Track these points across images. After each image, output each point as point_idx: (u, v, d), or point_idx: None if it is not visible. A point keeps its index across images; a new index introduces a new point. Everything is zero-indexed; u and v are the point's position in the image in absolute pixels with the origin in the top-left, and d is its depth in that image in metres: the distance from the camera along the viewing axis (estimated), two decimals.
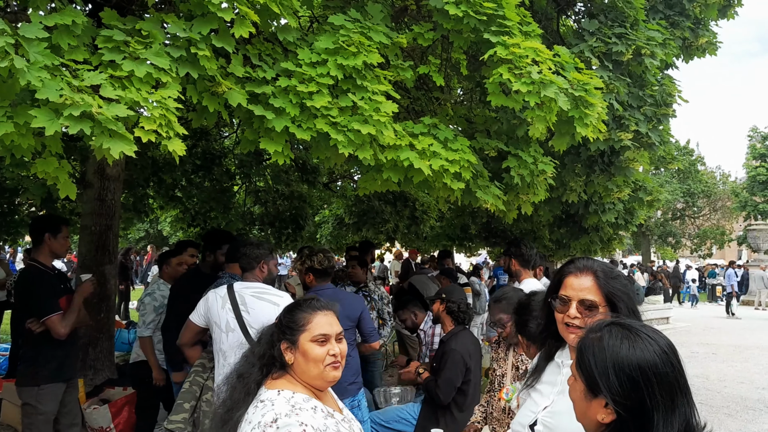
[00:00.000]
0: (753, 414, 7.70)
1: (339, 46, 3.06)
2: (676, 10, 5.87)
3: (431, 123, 3.71)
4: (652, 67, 5.18)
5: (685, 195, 33.81)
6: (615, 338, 1.33)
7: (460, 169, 3.49)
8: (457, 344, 4.09)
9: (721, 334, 15.44)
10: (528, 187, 4.59)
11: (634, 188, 7.82)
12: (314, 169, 9.48)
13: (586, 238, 9.01)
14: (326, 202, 12.20)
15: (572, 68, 3.84)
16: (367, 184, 3.87)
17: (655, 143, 5.65)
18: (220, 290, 3.64)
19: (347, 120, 2.98)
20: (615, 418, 1.29)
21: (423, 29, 3.82)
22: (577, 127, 3.77)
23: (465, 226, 10.78)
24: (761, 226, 27.32)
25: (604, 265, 1.91)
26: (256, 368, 1.92)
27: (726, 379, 9.81)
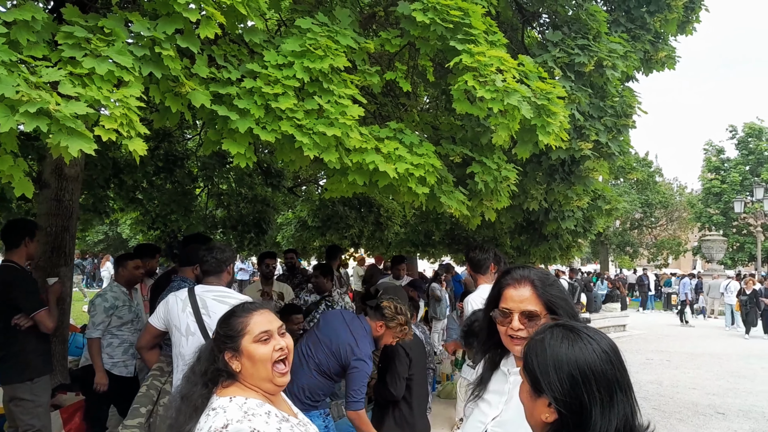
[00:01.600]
0: (703, 419, 7.92)
1: (306, 49, 3.06)
2: (638, 23, 6.03)
3: (397, 128, 3.73)
4: (613, 79, 5.31)
5: (643, 205, 34.66)
6: (556, 339, 1.37)
7: (425, 174, 3.52)
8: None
9: (675, 342, 15.86)
10: (491, 194, 4.64)
11: (593, 197, 8.00)
12: (279, 173, 9.42)
13: (545, 245, 9.16)
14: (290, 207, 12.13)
15: (536, 77, 3.91)
16: (333, 188, 3.86)
17: (614, 153, 5.78)
18: (181, 293, 3.58)
19: (313, 123, 2.98)
20: (557, 416, 1.32)
21: (390, 35, 3.85)
22: (540, 135, 3.83)
23: (429, 233, 10.84)
24: (715, 236, 28.23)
25: (540, 272, 1.93)
26: (199, 386, 1.88)
27: (679, 385, 10.08)
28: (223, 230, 10.46)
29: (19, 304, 4.06)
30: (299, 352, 3.77)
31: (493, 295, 1.96)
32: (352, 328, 3.77)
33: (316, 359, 3.74)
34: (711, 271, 26.16)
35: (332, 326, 3.82)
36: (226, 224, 10.35)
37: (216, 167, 9.30)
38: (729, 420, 7.89)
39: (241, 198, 10.11)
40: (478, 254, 4.71)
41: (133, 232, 13.24)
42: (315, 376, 3.75)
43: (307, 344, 3.84)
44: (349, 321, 3.82)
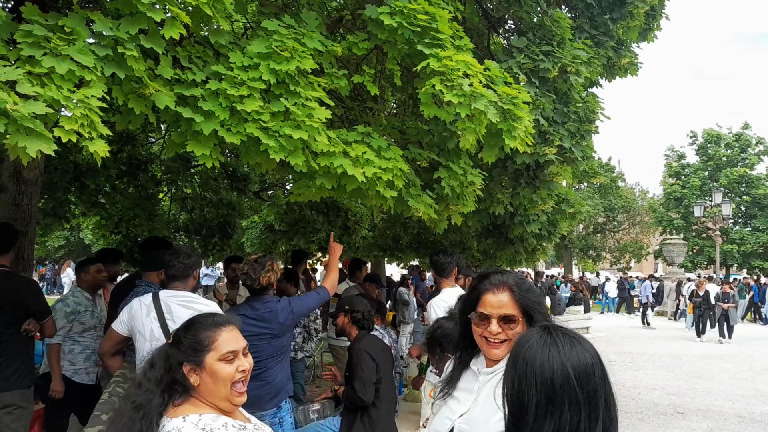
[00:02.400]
0: (664, 419, 8.10)
1: (272, 51, 3.03)
2: (601, 30, 6.16)
3: (365, 131, 3.73)
4: (576, 85, 5.40)
5: (606, 210, 35.36)
6: (534, 339, 1.38)
7: (392, 178, 3.53)
8: (362, 345, 4.20)
9: (637, 343, 16.19)
10: (458, 198, 4.68)
11: (557, 201, 8.12)
12: (245, 177, 9.33)
13: (511, 248, 9.26)
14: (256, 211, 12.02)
15: (501, 82, 3.95)
16: (300, 192, 3.85)
17: (577, 158, 5.89)
18: (145, 298, 3.52)
19: (279, 125, 2.95)
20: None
21: (358, 39, 3.85)
22: (506, 139, 3.88)
23: (396, 237, 10.87)
24: (676, 240, 28.96)
25: (516, 277, 1.97)
26: (156, 396, 1.77)
27: (640, 386, 10.29)
28: (186, 235, 10.32)
29: (32, 309, 4.03)
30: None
31: (470, 298, 1.99)
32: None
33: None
34: (672, 274, 26.83)
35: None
36: (189, 228, 10.20)
37: (180, 171, 9.17)
38: (688, 419, 8.08)
39: (205, 202, 9.99)
40: (442, 258, 4.77)
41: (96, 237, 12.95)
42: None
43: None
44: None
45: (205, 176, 9.66)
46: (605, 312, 27.38)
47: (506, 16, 6.06)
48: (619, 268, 38.78)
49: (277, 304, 3.79)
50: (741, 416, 8.26)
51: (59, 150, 2.44)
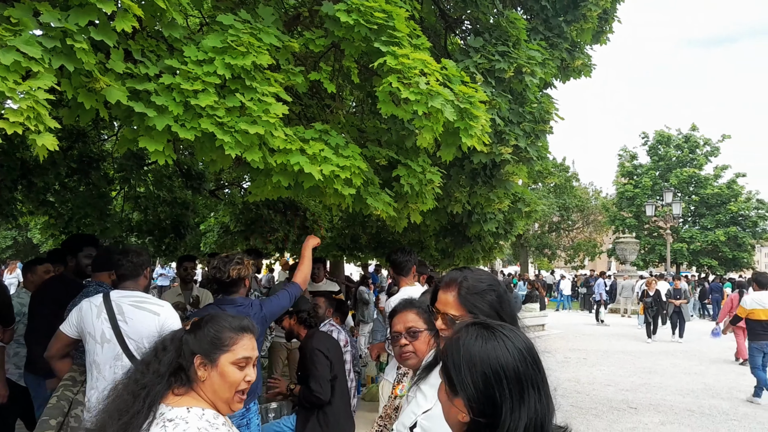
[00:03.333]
0: (617, 414, 8.31)
1: (227, 46, 2.99)
2: (555, 32, 6.27)
3: (322, 129, 3.71)
4: (531, 85, 5.49)
5: (560, 209, 36.11)
6: (471, 337, 1.37)
7: (351, 176, 3.52)
8: (314, 342, 4.22)
9: (591, 340, 16.58)
10: (417, 197, 4.71)
11: (513, 200, 8.24)
12: (200, 175, 9.16)
13: (469, 247, 9.35)
14: (212, 210, 11.83)
15: (458, 81, 3.99)
16: (257, 191, 3.80)
17: (533, 158, 5.98)
18: (95, 299, 3.43)
19: (234, 120, 2.91)
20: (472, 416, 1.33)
21: (315, 36, 3.83)
22: (463, 138, 3.91)
23: (355, 236, 10.85)
24: (628, 239, 29.77)
25: (474, 278, 1.95)
26: (163, 379, 1.77)
27: (595, 382, 10.54)
28: (139, 234, 10.09)
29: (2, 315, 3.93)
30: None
31: (432, 292, 2.03)
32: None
33: None
34: (624, 272, 27.55)
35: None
36: (143, 228, 9.98)
37: (133, 169, 8.94)
38: (640, 414, 8.32)
39: (159, 201, 9.78)
40: (400, 256, 4.79)
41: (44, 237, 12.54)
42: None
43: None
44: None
45: (158, 174, 9.44)
46: (560, 309, 27.95)
47: (463, 16, 6.11)
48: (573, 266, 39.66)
49: (249, 308, 3.75)
50: (691, 410, 8.54)
51: (5, 145, 2.35)
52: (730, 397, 9.45)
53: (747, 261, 34.94)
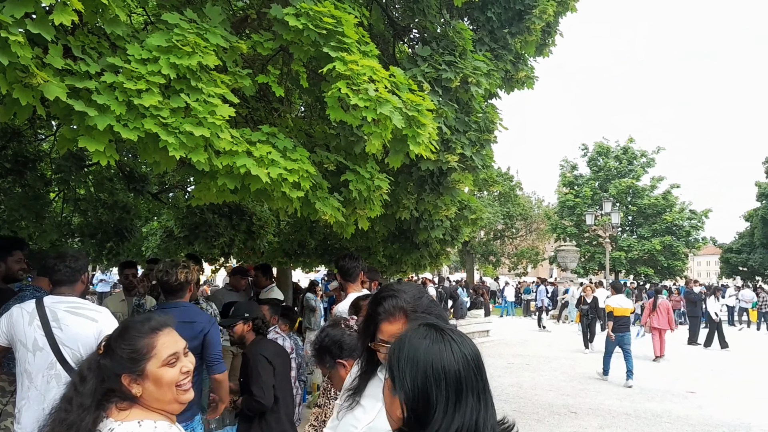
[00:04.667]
0: (558, 418, 8.51)
1: (173, 45, 2.93)
2: (500, 44, 6.41)
3: (270, 132, 3.68)
4: (477, 95, 5.59)
5: (505, 217, 36.81)
6: (419, 336, 1.39)
7: (299, 179, 3.49)
8: (257, 349, 4.16)
9: (533, 346, 16.93)
10: (365, 202, 4.71)
11: (460, 207, 8.37)
12: (143, 178, 8.91)
13: (416, 253, 9.43)
14: (155, 214, 11.52)
15: (406, 89, 4.03)
16: (201, 194, 3.73)
17: (478, 166, 6.09)
18: (27, 305, 3.28)
19: (179, 121, 2.85)
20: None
21: (263, 38, 3.80)
22: (411, 145, 3.95)
23: (303, 242, 10.76)
24: (569, 247, 30.64)
25: (409, 295, 1.97)
26: (90, 411, 1.67)
27: (537, 387, 10.77)
28: (80, 238, 9.72)
29: None
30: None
31: (369, 329, 1.98)
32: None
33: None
34: (565, 279, 28.31)
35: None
36: (83, 232, 9.62)
37: (73, 170, 8.61)
38: (580, 418, 8.54)
39: (100, 204, 9.45)
40: (348, 262, 4.77)
41: None
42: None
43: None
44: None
45: (99, 176, 9.14)
46: (504, 315, 28.45)
47: (411, 24, 6.18)
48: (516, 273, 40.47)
49: (199, 314, 3.71)
50: (628, 414, 8.83)
51: None
52: (663, 400, 9.82)
53: (681, 269, 36.49)
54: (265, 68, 4.37)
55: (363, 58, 3.68)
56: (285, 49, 4.03)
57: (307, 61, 3.93)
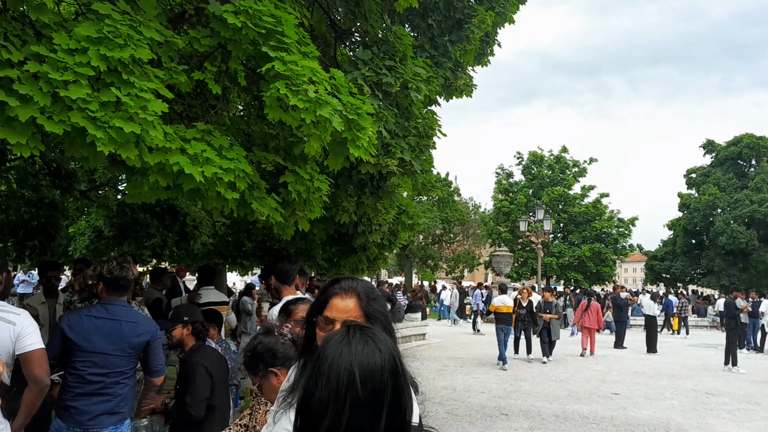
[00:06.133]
0: (490, 420, 8.66)
1: (104, 36, 2.81)
2: (440, 51, 6.50)
3: (205, 129, 3.58)
4: (417, 101, 5.64)
5: (443, 222, 37.34)
6: (337, 339, 1.37)
7: (234, 179, 3.42)
8: (199, 358, 4.03)
9: (468, 349, 17.18)
10: (304, 204, 4.67)
11: (398, 212, 8.42)
12: (70, 174, 8.52)
13: (354, 257, 9.43)
14: (83, 213, 11.04)
15: (347, 92, 4.01)
16: (133, 192, 3.60)
17: (417, 171, 6.15)
18: None
19: (109, 116, 2.74)
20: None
21: (200, 35, 3.71)
22: (350, 148, 3.94)
23: (239, 244, 10.55)
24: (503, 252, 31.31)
25: (366, 286, 2.00)
26: None
27: (470, 390, 10.93)
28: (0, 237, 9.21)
29: None
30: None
31: (319, 301, 1.98)
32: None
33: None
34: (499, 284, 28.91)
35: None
36: (4, 230, 9.12)
37: None
38: (511, 420, 8.72)
39: (23, 201, 8.98)
40: (287, 265, 4.68)
41: None
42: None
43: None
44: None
45: (22, 171, 8.68)
46: (441, 319, 28.79)
47: (353, 28, 6.19)
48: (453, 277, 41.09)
49: (143, 318, 3.58)
50: (556, 415, 9.08)
51: None
52: (590, 402, 10.15)
53: (609, 275, 38.02)
54: (202, 65, 4.27)
55: (303, 59, 3.64)
56: (223, 47, 3.95)
57: (246, 60, 3.86)
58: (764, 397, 11.13)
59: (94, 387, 3.47)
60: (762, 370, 14.76)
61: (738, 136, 43.41)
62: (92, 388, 3.46)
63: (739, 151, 42.75)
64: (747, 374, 13.89)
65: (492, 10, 6.94)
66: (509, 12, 7.25)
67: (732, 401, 10.65)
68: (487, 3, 6.95)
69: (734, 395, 11.22)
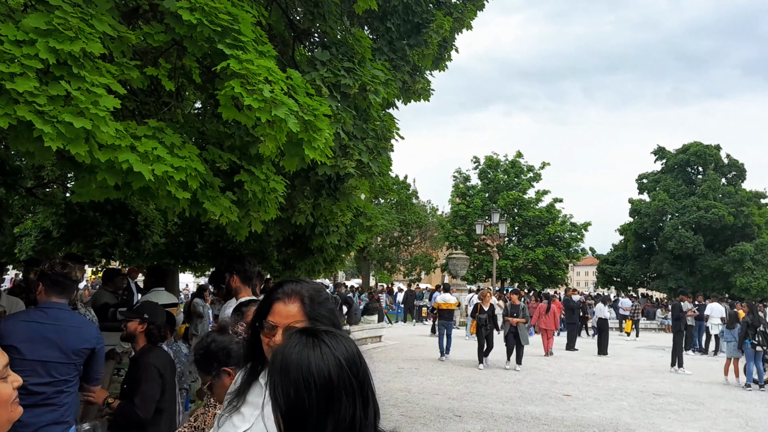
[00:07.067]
0: (443, 422, 8.75)
1: (53, 28, 2.73)
2: (399, 54, 6.55)
3: (157, 126, 3.51)
4: (375, 104, 5.66)
5: (401, 225, 37.55)
6: (292, 345, 1.35)
7: (186, 178, 3.36)
8: (150, 358, 3.94)
9: (424, 351, 17.30)
10: (259, 205, 4.62)
11: (355, 213, 8.42)
12: (15, 171, 8.22)
13: (311, 259, 9.38)
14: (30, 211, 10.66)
15: (303, 93, 3.99)
16: (82, 190, 3.50)
17: (375, 173, 6.18)
18: None
19: (58, 110, 2.67)
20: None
21: (154, 30, 3.65)
22: (306, 150, 3.93)
23: (191, 244, 10.36)
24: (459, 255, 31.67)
25: (312, 289, 1.93)
26: None
27: (425, 392, 11.01)
28: None
29: None
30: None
31: (263, 306, 1.93)
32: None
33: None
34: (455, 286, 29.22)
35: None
36: None
37: None
38: (465, 421, 8.83)
39: None
40: (249, 267, 4.62)
41: None
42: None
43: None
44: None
45: None
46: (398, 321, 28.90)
47: (312, 28, 6.17)
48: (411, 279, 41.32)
49: (86, 324, 3.47)
50: (509, 417, 9.24)
51: None
52: (542, 404, 10.37)
53: (561, 278, 38.87)
54: (157, 61, 4.19)
55: (260, 58, 3.62)
56: (179, 43, 3.89)
57: (201, 57, 3.81)
58: (708, 398, 11.58)
59: (37, 398, 3.29)
60: (706, 371, 15.35)
61: (687, 144, 45.06)
62: (35, 399, 3.28)
63: (687, 158, 44.38)
64: (692, 375, 14.42)
65: (450, 15, 7.02)
66: (467, 18, 7.35)
67: (677, 401, 11.04)
68: (445, 8, 7.04)
69: (680, 396, 11.64)
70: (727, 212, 39.73)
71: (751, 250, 38.71)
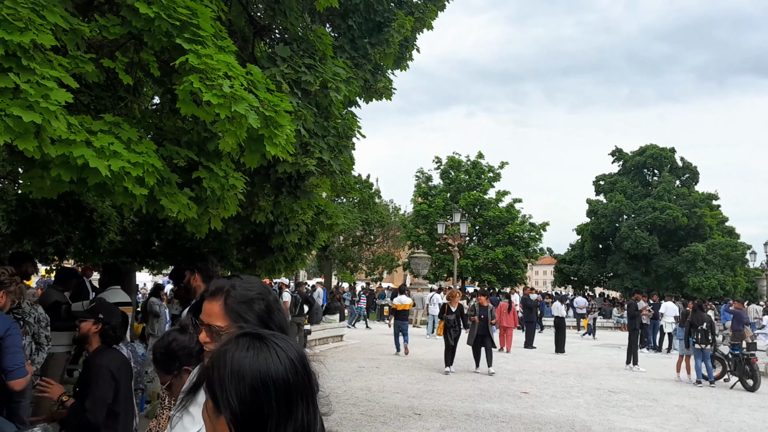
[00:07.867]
0: (403, 420, 8.79)
1: (2, 18, 2.64)
2: (360, 53, 6.55)
3: (113, 121, 3.44)
4: (336, 101, 5.64)
5: (363, 224, 37.55)
6: (241, 348, 1.30)
7: (143, 174, 3.30)
8: (104, 360, 3.85)
9: (385, 349, 17.37)
10: (218, 202, 4.56)
11: (316, 212, 8.39)
12: None
13: (271, 257, 9.30)
14: None
15: (264, 88, 3.96)
16: (33, 185, 3.40)
17: (336, 171, 6.16)
18: None
19: (6, 103, 2.58)
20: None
21: (110, 23, 3.56)
22: (267, 146, 3.89)
23: (148, 242, 10.15)
24: (421, 254, 31.89)
25: (243, 286, 1.88)
26: None
27: (385, 390, 11.05)
28: None
29: None
30: None
31: (198, 304, 1.93)
32: None
33: None
34: (417, 285, 29.42)
35: None
36: None
37: None
38: (424, 419, 8.89)
39: None
40: (212, 267, 4.54)
41: None
42: None
43: None
44: None
45: None
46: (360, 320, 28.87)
47: (273, 24, 6.12)
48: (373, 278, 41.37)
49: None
50: (468, 414, 9.34)
51: None
52: (500, 401, 10.52)
53: (521, 277, 39.49)
54: (113, 55, 4.10)
55: (219, 53, 3.57)
56: (136, 37, 3.81)
57: (159, 51, 3.74)
58: (661, 394, 11.93)
59: None
60: (660, 368, 15.80)
61: (643, 147, 46.34)
62: None
63: (644, 160, 45.63)
64: (646, 372, 14.83)
65: (411, 15, 7.05)
66: (428, 18, 7.40)
67: (632, 398, 11.35)
68: (406, 8, 7.06)
69: (634, 392, 11.96)
70: (681, 213, 41.00)
71: (703, 250, 40.05)
